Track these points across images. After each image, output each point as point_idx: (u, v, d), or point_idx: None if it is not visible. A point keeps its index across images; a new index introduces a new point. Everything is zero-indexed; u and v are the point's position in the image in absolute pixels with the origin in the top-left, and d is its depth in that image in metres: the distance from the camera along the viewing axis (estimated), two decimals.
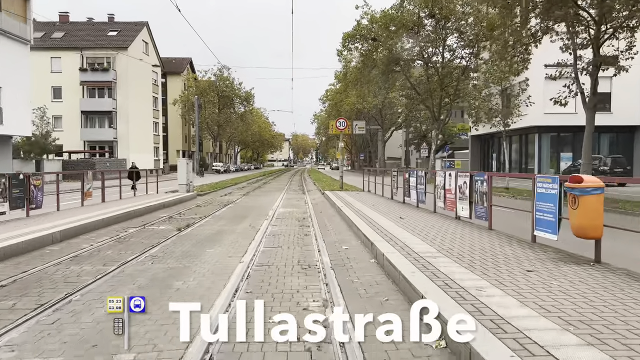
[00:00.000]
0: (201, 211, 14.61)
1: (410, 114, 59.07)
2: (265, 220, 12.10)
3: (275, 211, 14.30)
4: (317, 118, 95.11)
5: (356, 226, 9.85)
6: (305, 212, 14.26)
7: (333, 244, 8.70)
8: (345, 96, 61.82)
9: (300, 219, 12.36)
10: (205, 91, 69.04)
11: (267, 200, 18.81)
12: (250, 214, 13.65)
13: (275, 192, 24.67)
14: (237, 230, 10.42)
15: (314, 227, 10.75)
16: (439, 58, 38.27)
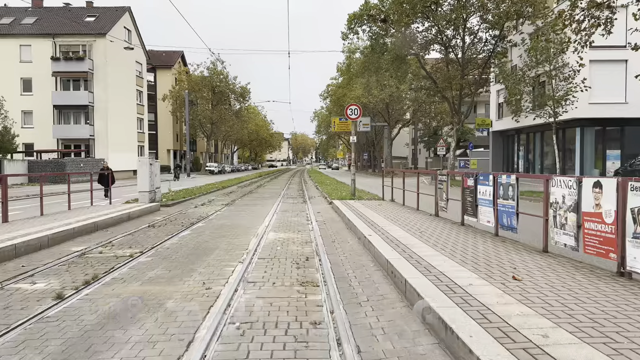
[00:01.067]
0: (145, 238, 9.43)
1: (420, 108, 54.06)
2: (240, 263, 6.91)
3: (260, 239, 9.11)
4: (317, 115, 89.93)
5: (435, 313, 4.53)
6: (309, 240, 9.05)
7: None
8: (348, 90, 56.64)
9: (300, 261, 7.14)
10: (197, 86, 63.92)
11: (255, 215, 13.64)
12: (219, 246, 8.46)
13: (268, 199, 19.49)
14: (165, 305, 5.08)
15: (329, 289, 5.51)
16: (459, 42, 33.14)
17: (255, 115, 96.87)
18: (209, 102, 67.68)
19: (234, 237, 9.46)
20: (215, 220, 12.50)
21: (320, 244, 8.47)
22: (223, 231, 10.28)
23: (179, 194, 20.22)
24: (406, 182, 14.86)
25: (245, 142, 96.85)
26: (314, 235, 9.45)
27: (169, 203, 16.50)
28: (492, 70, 34.62)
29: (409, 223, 9.92)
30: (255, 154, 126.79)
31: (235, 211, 14.80)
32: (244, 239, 9.19)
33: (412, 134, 69.56)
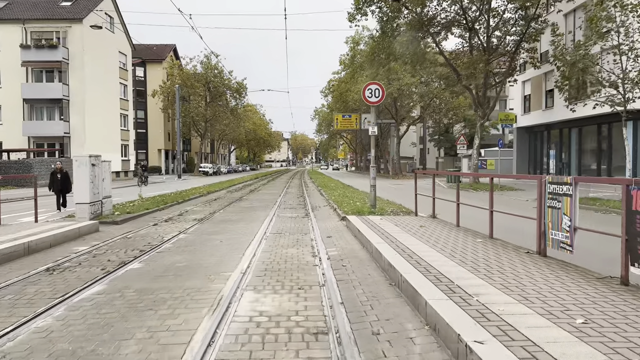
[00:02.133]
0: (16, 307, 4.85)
1: (430, 103, 49.49)
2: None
3: (221, 319, 4.48)
4: (318, 114, 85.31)
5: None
6: (320, 328, 4.35)
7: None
8: (353, 84, 52.04)
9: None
10: (189, 81, 59.35)
11: (232, 243, 9.01)
12: (120, 351, 3.86)
13: (259, 211, 14.88)
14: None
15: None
16: (484, 23, 28.56)
17: (253, 113, 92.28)
18: (202, 98, 63.11)
19: (171, 308, 4.83)
20: (166, 254, 7.86)
21: (348, 341, 3.83)
22: (161, 288, 5.64)
23: (143, 204, 15.60)
24: (421, 182, 10.18)
25: (242, 142, 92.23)
26: (331, 306, 4.79)
27: (118, 220, 11.86)
28: (521, 57, 30.09)
29: (521, 282, 5.23)
30: (254, 154, 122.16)
31: (207, 233, 10.16)
32: (188, 316, 4.56)
33: (420, 132, 65.01)
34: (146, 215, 13.53)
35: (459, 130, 55.53)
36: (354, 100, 49.90)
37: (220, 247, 8.43)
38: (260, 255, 7.59)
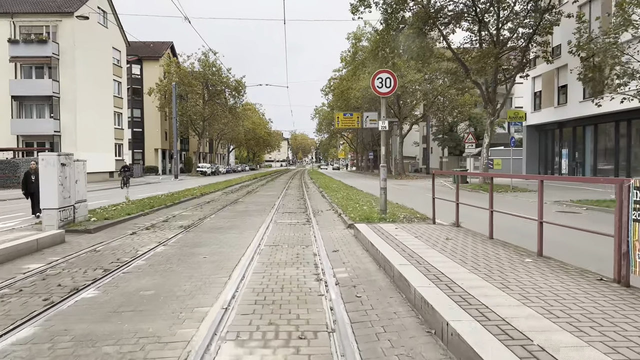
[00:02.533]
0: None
1: (435, 101, 47.93)
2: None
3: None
4: (319, 112, 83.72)
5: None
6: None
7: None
8: (354, 81, 50.51)
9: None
10: (187, 78, 57.82)
11: (218, 259, 7.44)
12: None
13: (254, 216, 13.32)
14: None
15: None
16: (493, 15, 27.05)
17: (252, 112, 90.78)
18: (200, 96, 61.59)
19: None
20: (133, 276, 6.30)
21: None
22: (108, 335, 4.08)
23: (126, 209, 14.05)
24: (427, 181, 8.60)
25: (241, 141, 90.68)
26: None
27: (92, 228, 10.31)
28: (532, 51, 28.58)
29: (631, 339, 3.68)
30: (253, 154, 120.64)
31: (191, 245, 8.61)
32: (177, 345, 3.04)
33: (422, 131, 63.46)
34: (127, 222, 11.98)
35: (463, 129, 53.97)
36: (356, 97, 48.39)
37: (202, 265, 6.88)
38: (251, 278, 6.04)
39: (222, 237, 9.50)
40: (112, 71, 42.88)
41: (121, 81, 45.52)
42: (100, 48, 40.18)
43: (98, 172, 39.68)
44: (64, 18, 36.27)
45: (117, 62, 44.63)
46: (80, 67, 37.01)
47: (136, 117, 62.30)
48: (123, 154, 45.50)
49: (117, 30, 44.07)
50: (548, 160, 33.74)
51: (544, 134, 34.17)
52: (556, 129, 32.31)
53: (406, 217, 11.09)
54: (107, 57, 41.88)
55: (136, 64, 62.30)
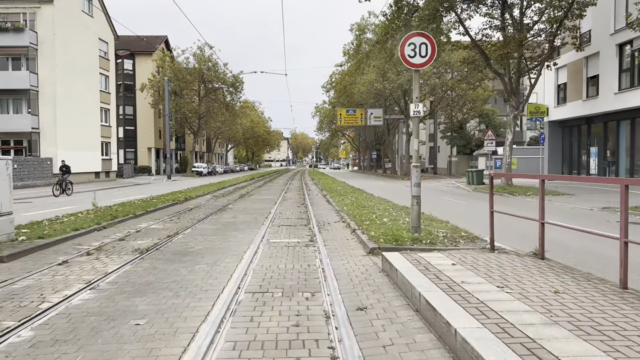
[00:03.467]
0: None
1: (444, 96, 44.83)
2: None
3: None
4: (319, 110, 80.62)
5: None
6: None
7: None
8: (358, 75, 47.41)
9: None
10: (181, 73, 54.78)
11: (149, 348, 4.36)
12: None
13: (242, 231, 10.25)
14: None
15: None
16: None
17: (250, 110, 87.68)
18: (195, 93, 58.55)
19: None
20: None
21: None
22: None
23: (77, 222, 11.01)
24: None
25: (239, 140, 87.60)
26: None
27: (5, 255, 7.25)
28: (561, 37, 25.50)
29: None
30: (253, 154, 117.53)
31: (131, 293, 5.49)
32: None
33: (429, 129, 60.36)
34: (68, 241, 8.93)
35: (474, 126, 50.90)
36: (360, 92, 45.33)
37: (125, 347, 3.83)
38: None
39: (186, 271, 6.43)
40: (98, 64, 39.80)
41: (109, 75, 42.43)
42: (85, 38, 37.11)
43: (81, 172, 36.63)
44: (42, 5, 33.21)
45: (104, 54, 41.55)
46: (61, 58, 33.95)
47: (128, 115, 59.30)
48: (111, 153, 42.42)
49: (104, 19, 41.01)
50: (573, 159, 30.68)
51: (567, 131, 31.11)
52: (583, 125, 29.25)
53: (447, 237, 8.05)
54: (92, 48, 38.81)
55: (128, 59, 59.30)
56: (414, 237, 7.65)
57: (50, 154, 33.31)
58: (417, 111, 7.87)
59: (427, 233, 8.07)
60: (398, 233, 8.00)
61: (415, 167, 7.97)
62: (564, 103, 30.02)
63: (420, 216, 8.08)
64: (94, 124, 38.90)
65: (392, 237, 7.72)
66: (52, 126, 33.44)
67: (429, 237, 7.75)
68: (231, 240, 8.95)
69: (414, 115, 7.91)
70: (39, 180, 31.58)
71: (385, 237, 7.75)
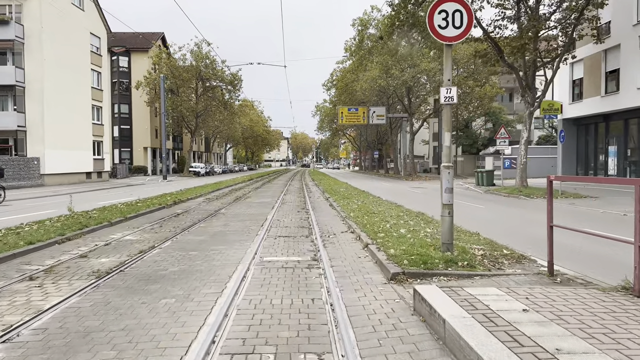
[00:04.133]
0: None
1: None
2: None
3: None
4: (320, 110, 78.94)
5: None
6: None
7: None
8: (361, 71, 45.74)
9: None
10: (178, 71, 53.12)
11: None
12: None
13: (229, 248, 8.56)
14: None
15: None
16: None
17: (250, 109, 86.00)
18: (193, 91, 56.87)
19: None
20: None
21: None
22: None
23: (39, 232, 9.36)
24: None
25: (238, 140, 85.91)
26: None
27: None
28: (579, 28, 23.82)
29: None
30: (252, 153, 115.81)
31: (56, 352, 3.85)
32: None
33: (433, 127, 58.66)
34: (19, 258, 7.26)
35: (480, 124, 49.21)
36: (363, 89, 43.61)
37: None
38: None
39: (146, 310, 4.74)
40: (89, 60, 38.10)
41: (101, 71, 40.73)
42: (75, 33, 35.43)
43: (71, 172, 35.01)
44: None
45: (97, 49, 39.85)
46: (50, 52, 32.28)
47: (124, 114, 57.69)
48: (103, 153, 40.73)
49: (96, 13, 39.34)
50: (589, 158, 29.00)
51: (583, 129, 29.43)
52: (600, 123, 27.57)
53: (487, 256, 6.39)
54: (83, 43, 37.12)
55: (124, 56, 57.67)
56: (447, 258, 5.97)
57: (37, 153, 31.66)
58: (449, 97, 6.19)
59: (461, 251, 6.39)
60: (425, 252, 6.32)
61: (447, 168, 6.29)
62: (580, 99, 28.33)
63: (453, 230, 6.38)
64: (85, 122, 37.21)
65: (419, 257, 6.03)
66: (39, 124, 31.77)
67: (465, 257, 6.08)
68: (216, 258, 7.26)
69: (446, 101, 6.23)
70: (25, 181, 29.93)
71: (410, 258, 6.07)
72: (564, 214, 13.53)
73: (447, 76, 6.26)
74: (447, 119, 6.38)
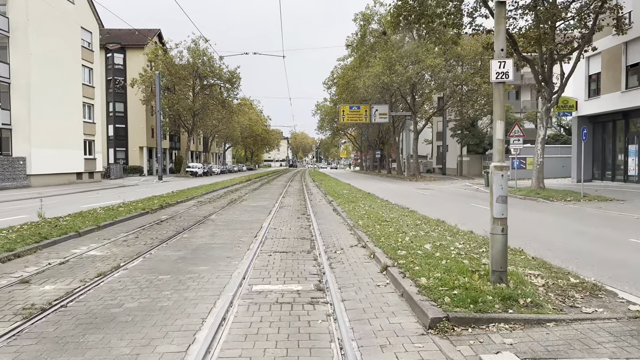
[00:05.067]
0: None
1: (456, 90, 41.47)
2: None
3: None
4: (320, 109, 77.34)
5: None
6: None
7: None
8: (363, 68, 44.10)
9: None
10: (174, 68, 51.47)
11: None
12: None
13: (212, 268, 6.91)
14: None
15: None
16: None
17: (248, 108, 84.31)
18: (190, 88, 55.21)
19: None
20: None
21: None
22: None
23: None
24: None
25: (237, 139, 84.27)
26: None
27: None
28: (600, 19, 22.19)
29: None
30: (252, 153, 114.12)
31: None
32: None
33: (437, 127, 57.01)
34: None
35: (487, 123, 47.53)
36: (366, 86, 41.94)
37: None
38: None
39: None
40: (80, 55, 36.43)
41: (93, 67, 39.05)
42: (64, 27, 33.78)
43: (60, 173, 33.39)
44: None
45: (88, 45, 38.19)
46: (37, 47, 30.64)
47: (119, 112, 56.01)
48: (95, 152, 39.07)
49: (87, 7, 37.68)
50: (606, 158, 27.36)
51: (600, 127, 27.79)
52: (619, 120, 25.93)
53: (551, 289, 4.75)
54: (73, 38, 35.46)
55: (119, 53, 56.04)
56: (503, 294, 4.33)
57: (23, 152, 30.02)
58: (502, 72, 4.56)
59: (517, 280, 4.75)
60: (469, 282, 4.67)
61: (500, 170, 4.65)
62: (597, 95, 26.68)
63: (507, 253, 4.73)
64: (75, 120, 35.54)
65: (464, 292, 4.39)
66: (25, 122, 30.12)
67: (525, 292, 4.44)
68: (191, 286, 5.61)
69: (499, 78, 4.58)
70: (10, 182, 28.29)
71: (451, 293, 4.42)
72: (599, 220, 11.92)
73: (499, 44, 4.62)
74: (499, 104, 4.73)
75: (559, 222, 11.66)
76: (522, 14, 21.74)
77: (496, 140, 4.70)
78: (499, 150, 4.71)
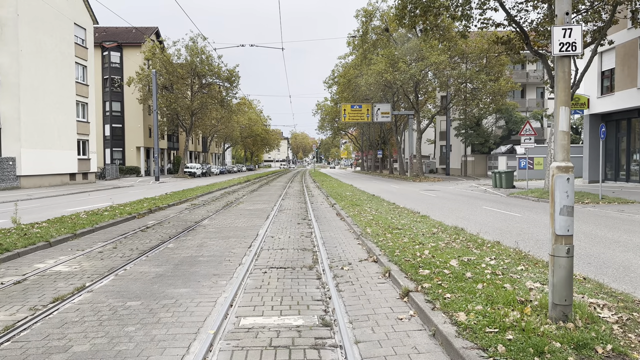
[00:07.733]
0: None
1: (461, 88, 40.26)
2: None
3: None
4: (321, 108, 76.24)
5: None
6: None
7: None
8: (365, 66, 42.95)
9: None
10: (172, 66, 50.34)
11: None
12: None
13: (194, 292, 5.78)
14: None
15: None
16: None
17: (248, 107, 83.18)
18: (188, 87, 54.08)
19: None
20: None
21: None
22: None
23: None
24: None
25: (237, 139, 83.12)
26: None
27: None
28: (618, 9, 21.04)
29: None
30: (251, 154, 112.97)
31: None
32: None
33: (440, 126, 55.84)
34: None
35: (492, 122, 46.39)
36: (368, 84, 40.79)
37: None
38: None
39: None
40: (73, 52, 35.30)
41: (87, 65, 37.92)
42: (56, 23, 32.67)
43: (52, 174, 32.27)
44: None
45: (82, 41, 37.06)
46: (27, 43, 29.53)
47: (115, 112, 54.88)
48: (89, 152, 37.93)
49: (81, 2, 36.55)
50: (619, 158, 26.22)
51: (613, 126, 26.64)
52: (635, 118, 24.79)
53: (628, 327, 3.61)
54: (66, 34, 34.33)
55: (115, 51, 54.92)
56: (574, 339, 3.19)
57: (13, 152, 28.89)
58: (568, 42, 3.42)
59: (584, 315, 3.61)
60: (523, 321, 3.53)
61: (565, 171, 3.52)
62: (611, 92, 25.54)
63: (572, 282, 3.60)
64: (68, 120, 34.40)
65: (521, 336, 3.25)
66: (15, 121, 28.99)
67: (599, 333, 3.30)
68: (163, 319, 4.47)
69: (562, 50, 3.44)
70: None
71: (504, 338, 3.28)
72: (629, 226, 10.77)
73: (564, 7, 3.48)
74: (563, 84, 3.59)
75: (584, 229, 10.52)
76: (534, 6, 20.62)
77: (559, 132, 3.56)
78: (563, 146, 3.57)
